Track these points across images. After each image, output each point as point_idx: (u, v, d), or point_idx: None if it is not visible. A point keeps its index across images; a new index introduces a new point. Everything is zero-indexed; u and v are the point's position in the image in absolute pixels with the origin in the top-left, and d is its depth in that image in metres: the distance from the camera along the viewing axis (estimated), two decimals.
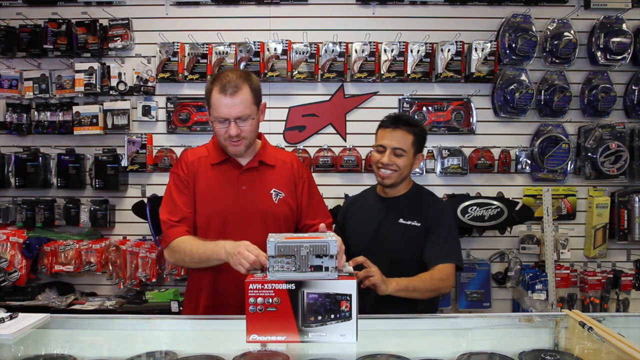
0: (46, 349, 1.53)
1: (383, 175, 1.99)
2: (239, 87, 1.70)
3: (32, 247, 2.99)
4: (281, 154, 1.98)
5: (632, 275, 3.07)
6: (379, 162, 1.98)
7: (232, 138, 1.74)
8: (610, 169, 3.05)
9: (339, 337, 1.35)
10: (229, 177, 1.82)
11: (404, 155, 1.96)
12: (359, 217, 2.11)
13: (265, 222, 1.80)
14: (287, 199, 1.86)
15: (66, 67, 3.12)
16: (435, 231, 1.97)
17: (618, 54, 3.03)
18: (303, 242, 1.35)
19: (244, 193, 1.81)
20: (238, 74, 1.74)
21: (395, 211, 2.03)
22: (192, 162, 1.85)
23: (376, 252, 1.94)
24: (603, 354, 1.42)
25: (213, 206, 1.79)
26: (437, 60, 3.06)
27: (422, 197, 2.07)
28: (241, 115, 1.72)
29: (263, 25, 3.11)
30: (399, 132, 1.96)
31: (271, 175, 1.87)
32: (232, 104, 1.69)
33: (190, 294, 1.90)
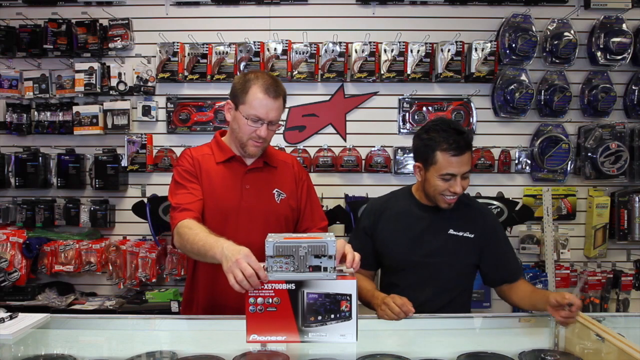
0: (46, 349, 1.53)
1: (450, 201, 1.82)
2: (280, 92, 1.77)
3: (32, 247, 2.99)
4: (282, 156, 2.00)
5: (632, 275, 3.07)
6: (449, 190, 1.79)
7: (259, 139, 1.76)
8: (610, 169, 3.05)
9: (339, 337, 1.35)
10: (234, 176, 1.83)
11: (469, 175, 1.84)
12: (397, 225, 1.92)
13: (267, 221, 1.81)
14: (289, 199, 1.88)
15: (66, 67, 3.12)
16: (498, 244, 1.89)
17: (618, 54, 3.03)
18: (301, 242, 1.36)
19: (248, 192, 1.82)
20: (275, 79, 1.80)
21: (442, 220, 1.88)
22: (197, 157, 1.86)
23: (422, 264, 1.86)
24: (603, 354, 1.42)
25: (216, 203, 1.80)
26: (437, 60, 3.06)
27: (470, 204, 1.95)
28: (275, 119, 1.77)
29: (263, 25, 3.11)
30: (467, 155, 1.80)
31: (274, 175, 1.88)
32: (272, 107, 1.74)
33: (189, 293, 1.90)
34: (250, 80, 1.75)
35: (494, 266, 1.89)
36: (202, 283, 1.82)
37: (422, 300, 1.79)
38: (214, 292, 1.79)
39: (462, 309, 1.90)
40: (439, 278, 1.86)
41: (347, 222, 2.98)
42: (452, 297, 1.88)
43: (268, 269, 1.36)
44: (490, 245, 1.88)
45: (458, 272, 1.89)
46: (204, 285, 1.82)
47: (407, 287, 1.86)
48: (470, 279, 1.95)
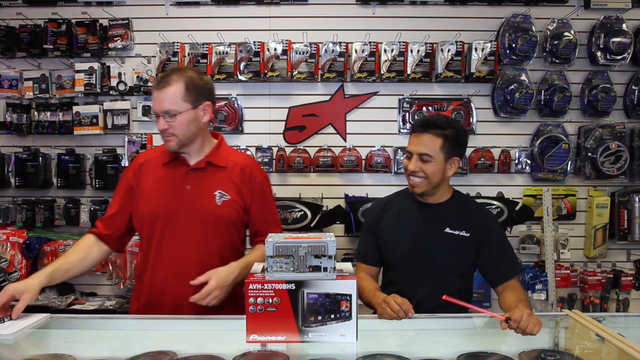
0: (46, 349, 1.53)
1: (412, 183, 1.88)
2: (170, 82, 1.71)
3: (32, 247, 2.99)
4: (235, 156, 1.92)
5: (632, 275, 3.07)
6: (406, 169, 1.88)
7: (164, 132, 1.75)
8: (610, 169, 3.05)
9: (339, 337, 1.35)
10: (176, 176, 1.82)
11: (431, 161, 1.83)
12: (397, 223, 1.96)
13: (205, 222, 1.78)
14: (234, 201, 1.82)
15: (66, 67, 3.12)
16: (494, 244, 1.90)
17: (618, 54, 3.03)
18: (301, 242, 1.36)
19: (188, 193, 1.80)
20: (179, 71, 1.76)
21: (439, 219, 1.91)
22: (142, 163, 1.88)
23: (419, 262, 1.89)
24: (603, 354, 1.42)
25: (156, 204, 1.80)
26: (437, 60, 3.06)
27: (467, 204, 1.98)
28: (167, 110, 1.71)
29: (263, 25, 3.11)
30: (426, 136, 1.84)
31: (219, 176, 1.83)
32: (159, 98, 1.72)
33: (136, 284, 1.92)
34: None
35: (488, 266, 1.91)
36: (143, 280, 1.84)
37: (419, 297, 1.82)
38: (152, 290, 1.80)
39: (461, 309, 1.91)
40: (435, 276, 1.87)
41: (347, 222, 2.98)
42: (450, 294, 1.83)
43: (268, 269, 1.36)
44: (485, 245, 1.89)
45: (454, 271, 1.90)
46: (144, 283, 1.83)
47: (404, 284, 1.90)
48: (468, 279, 1.96)
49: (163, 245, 1.78)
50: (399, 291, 1.77)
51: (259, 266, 1.50)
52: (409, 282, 1.90)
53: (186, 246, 1.76)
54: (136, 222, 1.85)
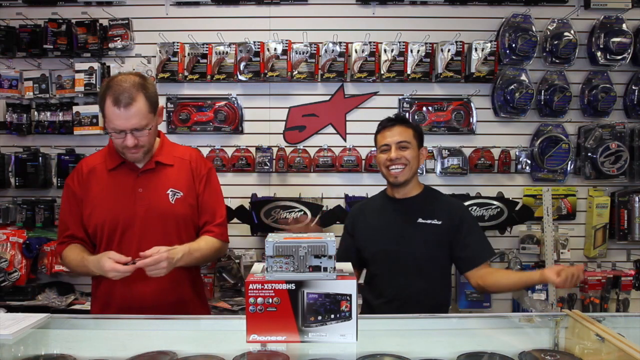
0: (46, 349, 1.53)
1: (394, 174, 1.96)
2: (133, 97, 1.64)
3: (32, 247, 2.99)
4: (179, 152, 1.91)
5: (632, 275, 3.07)
6: (387, 160, 1.96)
7: (130, 148, 1.70)
8: (610, 169, 3.05)
9: (339, 337, 1.35)
10: (125, 181, 1.80)
11: (409, 147, 1.96)
12: (373, 221, 2.07)
13: (164, 223, 1.79)
14: (187, 197, 1.82)
15: (66, 67, 3.12)
16: (467, 230, 1.97)
17: (618, 54, 3.03)
18: (301, 242, 1.36)
19: (141, 196, 1.78)
20: (132, 82, 1.67)
21: (412, 211, 2.01)
22: (86, 173, 1.83)
23: (397, 254, 1.97)
24: (603, 354, 1.42)
25: (110, 211, 1.77)
26: (437, 60, 3.06)
27: (438, 197, 2.08)
28: (137, 126, 1.67)
29: (263, 25, 3.11)
30: (398, 127, 1.99)
31: (169, 174, 1.83)
32: (126, 116, 1.64)
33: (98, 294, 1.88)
34: (105, 90, 1.66)
35: (461, 251, 1.97)
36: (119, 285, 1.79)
37: (400, 285, 1.95)
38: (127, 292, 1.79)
39: (442, 292, 2.02)
40: (414, 264, 1.96)
41: None
42: (428, 282, 1.97)
43: (268, 269, 1.36)
44: (457, 232, 1.97)
45: (431, 257, 1.98)
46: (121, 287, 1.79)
47: (385, 277, 2.00)
48: (446, 265, 2.03)
49: (122, 251, 1.71)
50: (381, 282, 1.95)
51: (259, 266, 1.50)
52: (389, 274, 1.99)
53: (146, 248, 1.69)
54: (90, 231, 1.81)
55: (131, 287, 1.77)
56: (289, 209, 2.96)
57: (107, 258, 1.62)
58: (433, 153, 3.11)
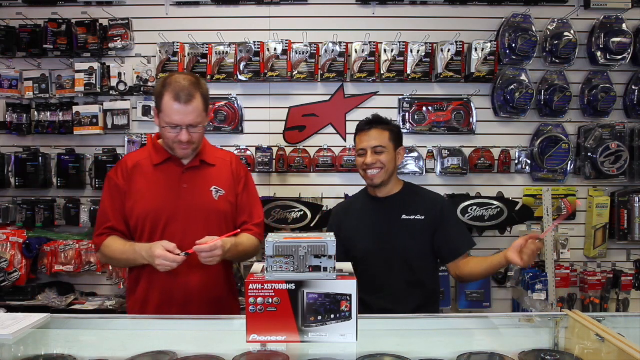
0: (46, 349, 1.53)
1: (371, 176, 2.05)
2: (193, 95, 1.75)
3: (32, 247, 2.99)
4: (221, 153, 2.03)
5: (632, 275, 3.07)
6: (364, 165, 2.05)
7: (183, 143, 1.79)
8: (610, 169, 3.05)
9: (339, 337, 1.35)
10: (171, 176, 1.87)
11: (385, 151, 2.03)
12: (357, 221, 2.13)
13: (207, 218, 1.86)
14: (227, 196, 1.92)
15: (66, 67, 3.12)
16: (447, 222, 2.05)
17: (618, 54, 3.03)
18: (301, 242, 1.36)
19: (185, 191, 1.86)
20: (190, 81, 1.78)
21: (394, 208, 2.08)
22: (130, 167, 1.89)
23: (384, 251, 2.03)
24: (603, 354, 1.42)
25: (154, 204, 1.83)
26: (437, 60, 3.06)
27: (418, 192, 2.15)
28: (193, 123, 1.77)
29: (263, 25, 3.11)
30: (374, 131, 2.05)
31: (212, 173, 1.92)
32: (185, 112, 1.74)
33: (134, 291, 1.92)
34: (164, 87, 1.77)
35: (443, 242, 2.04)
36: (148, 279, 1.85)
37: (390, 282, 2.02)
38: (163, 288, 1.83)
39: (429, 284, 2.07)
40: (400, 262, 2.02)
41: None
42: (417, 274, 2.03)
43: (268, 269, 1.36)
44: (440, 225, 2.04)
45: (416, 253, 2.04)
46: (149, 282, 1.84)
47: (373, 274, 2.03)
48: (431, 258, 2.09)
49: None
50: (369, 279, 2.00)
51: (259, 266, 1.50)
52: (377, 272, 2.03)
53: (189, 243, 1.78)
54: (132, 223, 1.86)
55: (174, 281, 1.81)
56: (289, 209, 2.96)
57: (160, 245, 1.67)
58: (433, 153, 3.11)
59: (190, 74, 1.87)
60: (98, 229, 1.90)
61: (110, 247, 1.84)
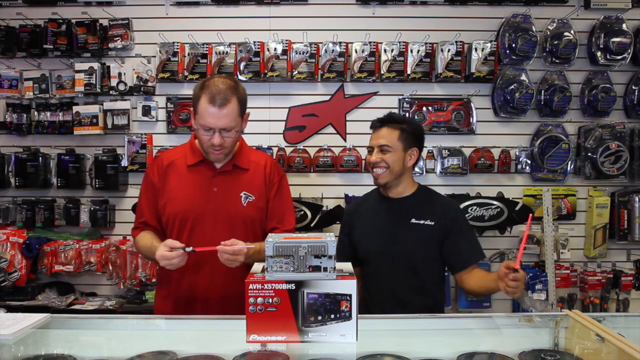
0: (46, 349, 1.53)
1: (375, 175, 2.02)
2: (228, 99, 1.75)
3: (32, 247, 2.99)
4: (255, 156, 2.02)
5: (632, 275, 3.07)
6: (369, 162, 2.03)
7: (215, 147, 1.79)
8: (610, 169, 3.05)
9: (339, 337, 1.35)
10: (202, 179, 1.89)
11: (390, 150, 1.98)
12: (367, 221, 2.09)
13: (232, 224, 1.86)
14: (257, 202, 1.92)
15: (66, 67, 3.12)
16: (458, 232, 1.99)
17: (618, 54, 3.03)
18: (301, 242, 1.36)
19: (215, 195, 1.87)
20: (228, 85, 1.78)
21: (405, 211, 2.03)
22: (165, 165, 1.92)
23: (390, 254, 2.00)
24: (603, 354, 1.42)
25: (184, 205, 1.86)
26: (437, 60, 3.06)
27: (432, 197, 2.09)
28: (226, 127, 1.77)
29: (263, 25, 3.11)
30: (383, 129, 2.02)
31: (243, 178, 1.92)
32: (219, 115, 1.75)
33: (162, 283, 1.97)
34: (202, 89, 1.77)
35: (451, 252, 1.99)
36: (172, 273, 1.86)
37: (394, 285, 1.98)
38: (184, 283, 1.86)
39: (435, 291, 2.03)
40: (407, 263, 1.98)
41: None
42: (422, 280, 1.99)
43: (268, 269, 1.36)
44: (449, 233, 1.99)
45: (424, 257, 1.99)
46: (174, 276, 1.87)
47: (379, 276, 2.02)
48: (438, 264, 2.04)
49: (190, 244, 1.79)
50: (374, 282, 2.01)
51: (259, 266, 1.50)
52: (382, 274, 2.01)
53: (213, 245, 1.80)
54: (164, 220, 1.91)
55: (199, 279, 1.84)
56: None
57: (163, 245, 1.68)
58: (433, 153, 3.11)
59: (229, 78, 1.88)
60: (135, 222, 1.99)
61: (139, 242, 1.92)
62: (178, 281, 1.90)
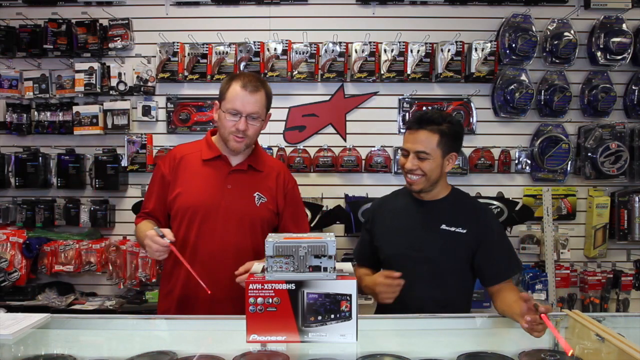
0: (46, 349, 1.54)
1: (410, 181, 1.85)
2: (259, 88, 1.82)
3: (32, 247, 2.99)
4: (271, 161, 2.04)
5: (632, 275, 3.07)
6: (404, 168, 1.85)
7: (238, 133, 1.80)
8: (610, 169, 3.05)
9: (339, 337, 1.35)
10: (217, 175, 1.89)
11: (429, 158, 1.80)
12: (392, 221, 1.94)
13: (242, 222, 1.86)
14: (269, 204, 1.92)
15: (66, 67, 3.12)
16: (491, 241, 1.84)
17: (618, 54, 3.03)
18: (301, 242, 1.36)
19: (229, 192, 1.87)
20: (258, 77, 1.88)
21: (435, 216, 1.87)
22: (179, 158, 1.92)
23: (414, 259, 1.85)
24: (603, 354, 1.42)
25: (196, 199, 1.85)
26: (437, 60, 3.06)
27: (465, 201, 1.95)
28: (254, 112, 1.80)
29: (263, 25, 3.11)
30: (422, 133, 1.81)
31: (257, 179, 1.93)
32: (249, 100, 1.79)
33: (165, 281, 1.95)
34: (232, 79, 1.84)
35: (485, 264, 1.84)
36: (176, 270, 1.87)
37: (417, 294, 1.80)
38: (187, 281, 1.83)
39: (460, 307, 1.88)
40: (432, 273, 1.84)
41: (347, 222, 2.98)
42: (448, 293, 1.86)
43: (268, 269, 1.36)
44: (482, 243, 1.83)
45: (451, 268, 1.86)
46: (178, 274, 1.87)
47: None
48: (467, 277, 1.90)
49: (200, 241, 1.83)
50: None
51: (259, 266, 1.50)
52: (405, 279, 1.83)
53: (224, 243, 1.82)
54: (172, 213, 1.90)
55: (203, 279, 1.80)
56: None
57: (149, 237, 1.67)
58: None
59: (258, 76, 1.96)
60: (140, 211, 1.99)
61: (138, 229, 1.90)
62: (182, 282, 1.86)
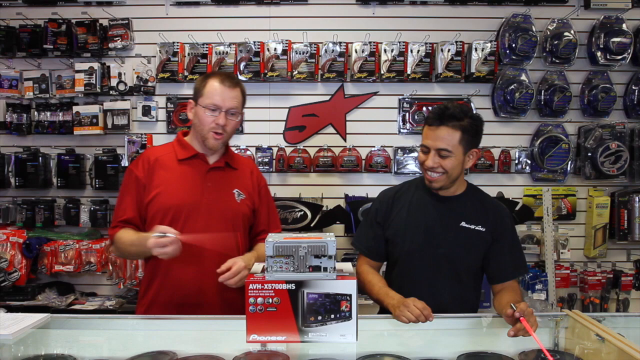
0: (46, 349, 1.54)
1: (430, 179, 1.79)
2: (236, 84, 1.85)
3: (32, 247, 2.99)
4: (242, 159, 2.05)
5: (632, 275, 3.07)
6: (424, 164, 1.78)
7: (218, 128, 1.80)
8: (610, 169, 3.05)
9: (339, 337, 1.35)
10: (196, 173, 1.87)
11: (451, 156, 1.73)
12: (411, 216, 1.86)
13: (225, 218, 1.86)
14: (247, 200, 1.93)
15: (66, 67, 3.12)
16: (504, 241, 1.83)
17: (618, 54, 3.03)
18: (301, 242, 1.36)
19: (209, 189, 1.87)
20: (234, 75, 1.93)
21: (455, 213, 1.83)
22: (152, 160, 1.87)
23: (430, 255, 1.81)
24: (603, 354, 1.42)
25: (177, 198, 1.83)
26: (437, 60, 3.06)
27: (483, 198, 1.90)
28: (233, 107, 1.81)
29: (263, 25, 3.11)
30: (443, 129, 1.73)
31: (234, 176, 1.94)
32: (229, 95, 1.80)
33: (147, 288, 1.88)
34: (208, 77, 1.85)
35: (494, 262, 1.83)
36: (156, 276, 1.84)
37: (433, 290, 1.78)
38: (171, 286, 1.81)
39: (475, 304, 1.88)
40: (449, 271, 1.81)
41: (347, 222, 2.99)
42: (465, 290, 1.85)
43: (268, 269, 1.36)
44: (495, 241, 1.82)
45: (468, 266, 1.83)
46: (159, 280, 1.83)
47: (416, 278, 1.83)
48: (481, 274, 1.89)
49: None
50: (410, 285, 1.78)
51: (259, 266, 1.50)
52: (421, 277, 1.83)
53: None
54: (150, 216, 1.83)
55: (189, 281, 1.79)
56: (289, 209, 2.96)
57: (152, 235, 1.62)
58: None
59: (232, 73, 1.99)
60: (113, 222, 1.89)
61: (121, 238, 1.81)
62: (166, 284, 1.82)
